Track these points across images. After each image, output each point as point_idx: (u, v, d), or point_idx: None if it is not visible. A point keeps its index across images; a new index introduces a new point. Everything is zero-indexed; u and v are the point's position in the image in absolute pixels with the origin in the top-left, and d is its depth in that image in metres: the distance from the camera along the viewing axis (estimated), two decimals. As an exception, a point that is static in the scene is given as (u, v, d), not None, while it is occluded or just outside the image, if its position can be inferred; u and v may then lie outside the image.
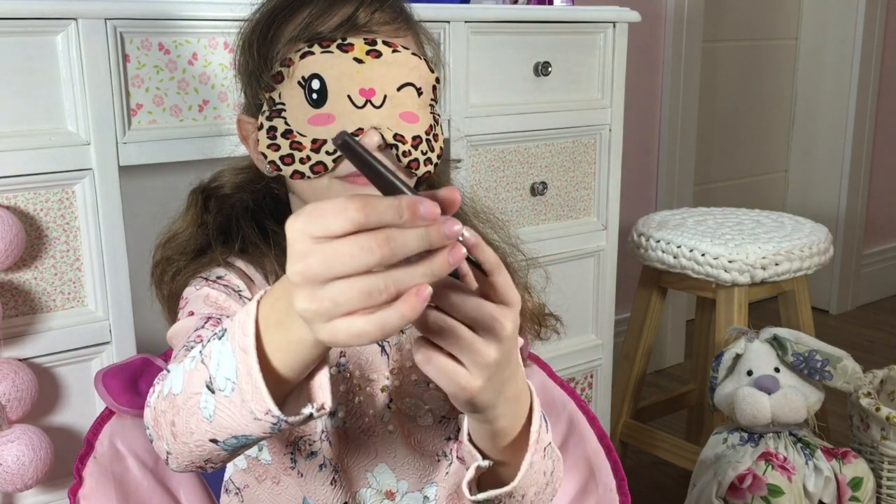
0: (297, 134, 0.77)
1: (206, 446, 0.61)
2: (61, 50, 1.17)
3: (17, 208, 1.17)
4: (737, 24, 2.89)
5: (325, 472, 0.83)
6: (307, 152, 0.77)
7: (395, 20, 0.80)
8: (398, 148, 0.77)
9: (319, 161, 0.76)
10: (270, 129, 0.78)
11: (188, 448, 0.62)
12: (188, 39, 1.27)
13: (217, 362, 0.56)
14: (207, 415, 0.58)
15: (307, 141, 0.77)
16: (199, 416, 0.59)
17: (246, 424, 0.56)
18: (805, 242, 1.76)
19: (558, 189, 1.75)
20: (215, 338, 0.58)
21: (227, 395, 0.56)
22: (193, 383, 0.59)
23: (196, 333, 0.74)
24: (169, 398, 0.62)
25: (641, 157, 2.52)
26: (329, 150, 0.76)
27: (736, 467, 1.55)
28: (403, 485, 0.87)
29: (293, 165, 0.77)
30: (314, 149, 0.77)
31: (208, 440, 0.60)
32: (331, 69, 0.76)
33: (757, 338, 1.66)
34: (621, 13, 1.74)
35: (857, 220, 3.08)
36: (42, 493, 1.23)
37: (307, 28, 0.77)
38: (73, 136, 1.19)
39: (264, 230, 0.85)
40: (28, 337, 1.19)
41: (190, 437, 0.61)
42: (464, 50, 1.55)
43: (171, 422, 0.62)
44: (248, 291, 0.83)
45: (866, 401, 1.66)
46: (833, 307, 3.11)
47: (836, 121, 3.03)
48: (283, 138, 0.78)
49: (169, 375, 0.63)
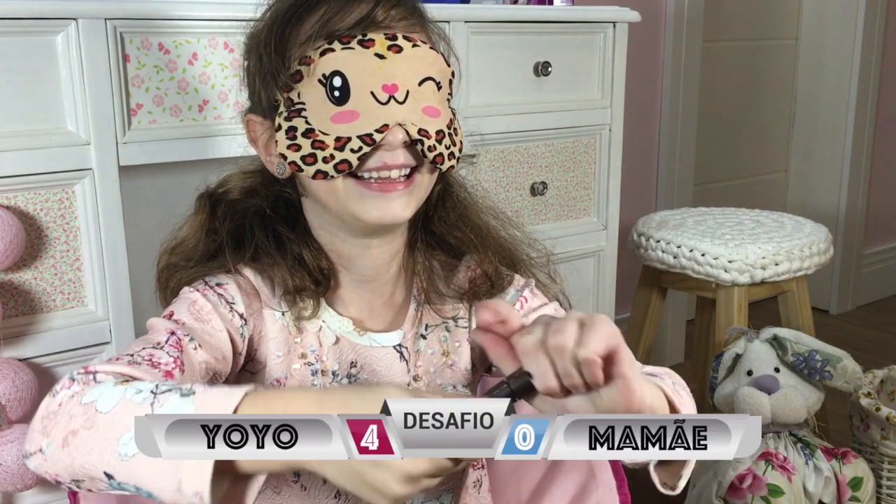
0: (320, 133, 0.75)
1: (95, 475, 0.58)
2: (61, 50, 1.17)
3: (17, 208, 1.17)
4: (737, 24, 2.89)
5: (330, 485, 0.82)
6: (330, 151, 0.75)
7: (411, 15, 0.80)
8: (423, 143, 0.76)
9: (344, 159, 0.75)
10: (290, 130, 0.76)
11: (71, 463, 0.59)
12: (188, 39, 1.27)
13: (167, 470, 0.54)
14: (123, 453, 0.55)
15: (330, 139, 0.75)
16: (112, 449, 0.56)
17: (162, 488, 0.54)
18: (805, 242, 1.76)
19: (558, 189, 1.75)
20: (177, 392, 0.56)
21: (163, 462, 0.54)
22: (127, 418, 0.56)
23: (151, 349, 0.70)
24: (87, 410, 0.59)
25: (641, 157, 2.52)
26: (354, 148, 0.75)
27: (736, 467, 1.55)
28: (420, 495, 0.85)
29: (315, 165, 0.75)
30: (338, 147, 0.75)
31: (102, 472, 0.57)
32: (352, 65, 0.75)
33: (757, 338, 1.66)
34: (621, 13, 1.74)
35: (857, 220, 3.08)
36: (42, 493, 1.23)
37: (325, 25, 0.76)
38: (73, 136, 1.19)
39: (278, 237, 0.83)
40: (28, 337, 1.19)
41: (83, 458, 0.58)
42: (464, 50, 1.55)
43: (72, 430, 0.59)
44: (240, 305, 0.80)
45: (866, 401, 1.66)
46: (833, 307, 3.11)
47: (836, 121, 3.02)
48: (304, 138, 0.76)
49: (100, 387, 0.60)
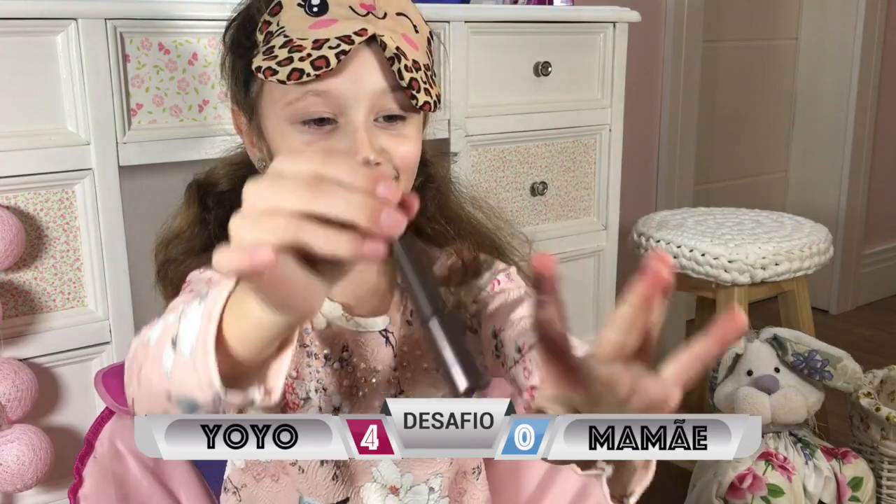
0: (297, 40, 0.73)
1: (162, 401, 0.61)
2: (61, 50, 1.17)
3: (17, 208, 1.17)
4: (737, 24, 2.89)
5: (327, 467, 0.83)
6: (308, 51, 0.72)
7: None
8: (399, 61, 0.73)
9: (322, 56, 0.71)
10: (268, 50, 0.74)
11: (147, 397, 0.62)
12: (188, 39, 1.27)
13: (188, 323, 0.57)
14: (167, 370, 0.58)
15: (308, 42, 0.73)
16: (160, 369, 0.59)
17: (193, 390, 0.56)
18: (805, 242, 1.76)
19: (558, 189, 1.75)
20: (199, 298, 0.58)
21: (185, 356, 0.56)
22: (165, 336, 0.59)
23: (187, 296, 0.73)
24: (144, 345, 0.62)
25: (641, 157, 2.52)
26: (332, 46, 0.72)
27: (736, 467, 1.55)
28: (408, 479, 0.86)
29: (291, 65, 0.72)
30: (315, 47, 0.72)
31: (163, 395, 0.60)
32: None
33: (757, 338, 1.66)
34: (621, 13, 1.74)
35: (857, 220, 3.08)
36: (42, 493, 1.23)
37: None
38: (73, 136, 1.19)
39: None
40: (28, 337, 1.19)
41: (150, 387, 0.61)
42: (464, 50, 1.55)
43: (140, 367, 0.62)
44: None
45: (866, 401, 1.66)
46: (833, 307, 3.11)
47: (836, 121, 3.02)
48: (281, 49, 0.73)
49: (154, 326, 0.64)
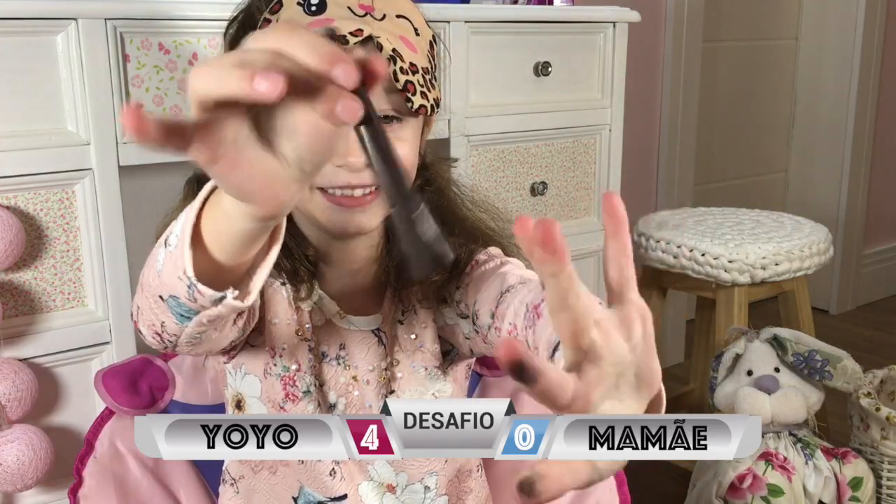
0: None
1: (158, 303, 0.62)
2: (61, 50, 1.17)
3: (17, 208, 1.17)
4: (737, 24, 2.89)
5: (326, 461, 0.83)
6: None
7: None
8: (395, 62, 0.73)
9: None
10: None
11: (148, 303, 0.63)
12: (188, 39, 1.27)
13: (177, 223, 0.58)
14: (158, 268, 0.59)
15: None
16: (155, 270, 0.60)
17: (174, 283, 0.57)
18: (805, 242, 1.76)
19: (558, 189, 1.75)
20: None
21: (171, 250, 0.57)
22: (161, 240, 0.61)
23: None
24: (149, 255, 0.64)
25: (641, 157, 2.52)
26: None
27: (736, 467, 1.55)
28: (403, 477, 0.87)
29: None
30: None
31: (157, 295, 0.61)
32: None
33: (757, 338, 1.66)
34: (621, 13, 1.74)
35: (857, 220, 3.08)
36: (42, 493, 1.23)
37: None
38: (73, 136, 1.19)
39: None
40: (28, 337, 1.19)
41: (149, 291, 0.63)
42: (464, 50, 1.55)
43: (143, 273, 0.64)
44: None
45: (866, 401, 1.66)
46: (833, 307, 3.11)
47: (836, 121, 3.02)
48: None
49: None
